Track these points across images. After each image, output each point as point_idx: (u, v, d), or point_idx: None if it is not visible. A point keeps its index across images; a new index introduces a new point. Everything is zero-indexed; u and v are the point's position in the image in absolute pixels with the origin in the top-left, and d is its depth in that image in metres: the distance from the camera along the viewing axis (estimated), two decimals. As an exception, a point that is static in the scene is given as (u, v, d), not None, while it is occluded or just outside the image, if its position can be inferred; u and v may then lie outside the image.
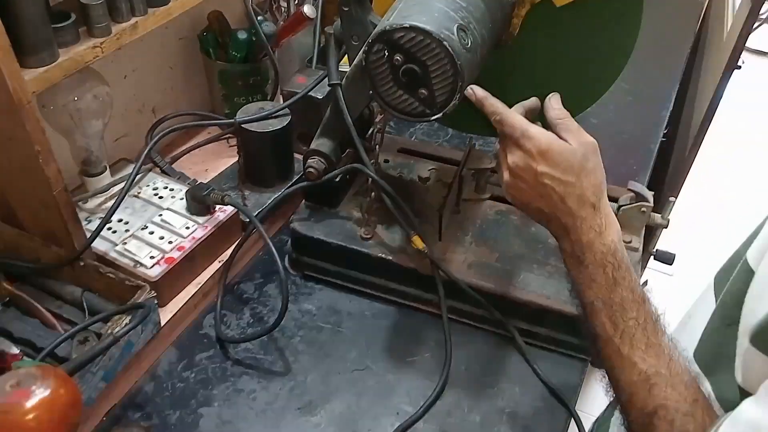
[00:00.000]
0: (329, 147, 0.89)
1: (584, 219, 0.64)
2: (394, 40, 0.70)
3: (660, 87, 1.46)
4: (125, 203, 0.94)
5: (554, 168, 0.64)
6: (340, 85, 0.83)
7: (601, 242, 0.63)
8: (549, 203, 0.65)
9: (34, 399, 0.57)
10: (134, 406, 0.81)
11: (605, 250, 0.63)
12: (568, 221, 0.64)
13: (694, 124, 1.67)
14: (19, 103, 0.71)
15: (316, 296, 0.96)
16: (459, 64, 0.69)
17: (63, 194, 0.80)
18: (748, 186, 2.84)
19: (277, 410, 0.81)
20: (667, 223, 0.95)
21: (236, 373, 0.85)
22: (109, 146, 1.04)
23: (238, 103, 1.15)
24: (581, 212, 0.64)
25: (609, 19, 0.83)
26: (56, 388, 0.59)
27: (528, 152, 0.65)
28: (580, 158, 0.64)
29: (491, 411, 0.82)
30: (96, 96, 0.90)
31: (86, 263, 0.85)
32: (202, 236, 0.93)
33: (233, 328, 0.91)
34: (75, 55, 0.76)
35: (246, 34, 1.12)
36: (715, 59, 1.67)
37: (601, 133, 1.39)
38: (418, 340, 0.90)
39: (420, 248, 0.86)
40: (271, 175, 1.07)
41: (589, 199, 0.64)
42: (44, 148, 0.75)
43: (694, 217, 2.44)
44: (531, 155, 0.65)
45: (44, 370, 0.60)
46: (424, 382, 0.84)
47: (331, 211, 0.98)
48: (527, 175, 0.65)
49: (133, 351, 0.81)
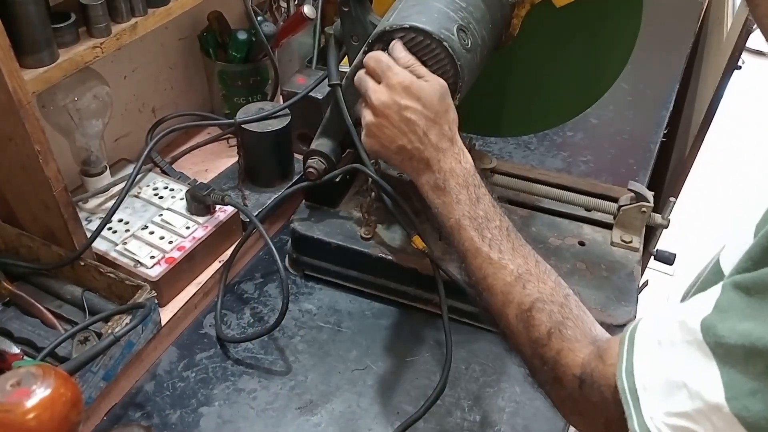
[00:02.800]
0: (329, 147, 0.89)
1: (444, 150, 0.68)
2: (394, 40, 0.70)
3: (660, 87, 1.46)
4: (125, 203, 0.94)
5: (417, 102, 0.67)
6: (340, 85, 0.83)
7: (462, 167, 0.67)
8: (412, 138, 0.68)
9: (35, 398, 0.57)
10: (135, 406, 0.81)
11: (466, 173, 0.67)
12: (431, 154, 0.68)
13: (694, 124, 1.67)
14: (19, 103, 0.71)
15: (317, 296, 0.96)
16: (459, 64, 0.69)
17: (63, 194, 0.80)
18: (748, 186, 2.84)
19: (277, 410, 0.81)
20: (667, 223, 0.95)
21: (236, 372, 0.85)
22: (109, 146, 1.04)
23: (238, 103, 1.15)
24: (442, 144, 0.68)
25: (608, 20, 0.83)
26: (57, 387, 0.59)
27: (393, 87, 0.67)
28: (438, 95, 0.67)
29: (491, 411, 0.82)
30: (96, 96, 0.90)
31: (86, 263, 0.85)
32: (203, 236, 0.93)
33: (233, 328, 0.91)
34: (75, 56, 0.76)
35: (246, 34, 1.12)
36: (715, 59, 1.67)
37: (601, 133, 1.41)
38: (418, 339, 0.90)
39: (420, 248, 0.86)
40: (271, 175, 1.07)
41: (447, 133, 0.68)
42: (44, 148, 0.75)
43: (694, 217, 2.44)
44: (396, 90, 0.67)
45: (45, 369, 0.60)
46: (424, 382, 0.84)
47: (331, 211, 0.98)
48: (392, 111, 0.67)
49: (133, 350, 0.81)
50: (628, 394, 0.47)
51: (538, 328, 0.58)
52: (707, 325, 0.43)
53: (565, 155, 1.25)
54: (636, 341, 0.49)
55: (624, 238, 0.95)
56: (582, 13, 0.81)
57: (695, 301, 0.47)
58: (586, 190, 1.01)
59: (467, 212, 0.66)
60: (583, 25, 0.84)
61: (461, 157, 0.68)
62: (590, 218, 0.99)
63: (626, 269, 0.92)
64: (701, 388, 0.42)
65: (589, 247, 0.95)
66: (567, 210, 0.99)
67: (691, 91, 1.84)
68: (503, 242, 0.64)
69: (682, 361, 0.44)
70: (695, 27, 1.76)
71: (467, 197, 0.66)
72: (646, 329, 0.49)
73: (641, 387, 0.46)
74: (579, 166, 1.22)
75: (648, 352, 0.48)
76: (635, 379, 0.47)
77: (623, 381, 0.48)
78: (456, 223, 0.66)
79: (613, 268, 0.91)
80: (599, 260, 0.93)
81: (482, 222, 0.65)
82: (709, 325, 0.43)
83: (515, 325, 0.60)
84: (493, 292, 0.63)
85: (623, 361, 0.49)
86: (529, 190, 1.00)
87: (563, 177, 1.08)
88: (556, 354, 0.56)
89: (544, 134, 1.29)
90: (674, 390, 0.44)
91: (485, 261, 0.63)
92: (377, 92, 0.68)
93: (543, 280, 0.61)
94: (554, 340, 0.57)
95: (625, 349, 0.49)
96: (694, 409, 0.43)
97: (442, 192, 0.68)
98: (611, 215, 0.96)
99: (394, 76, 0.67)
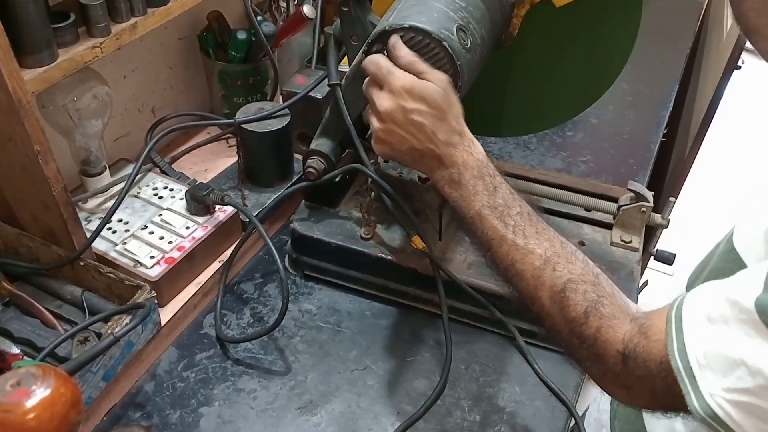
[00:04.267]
0: (329, 147, 0.89)
1: (455, 145, 0.68)
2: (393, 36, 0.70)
3: (660, 87, 1.46)
4: (125, 203, 0.94)
5: (421, 103, 0.67)
6: (339, 85, 0.83)
7: (474, 158, 0.68)
8: (421, 138, 0.68)
9: (35, 398, 0.57)
10: (134, 406, 0.81)
11: (479, 164, 0.68)
12: (443, 150, 0.68)
13: (694, 124, 1.67)
14: (19, 103, 0.71)
15: (316, 296, 0.96)
16: (459, 64, 0.69)
17: (63, 194, 0.80)
18: (748, 186, 2.84)
19: (277, 410, 0.81)
20: (667, 223, 0.95)
21: (236, 372, 0.85)
22: (109, 146, 1.04)
23: (237, 103, 1.15)
24: (452, 139, 0.68)
25: (608, 20, 0.83)
26: (57, 387, 0.59)
27: (396, 91, 0.67)
28: (442, 93, 0.67)
29: (491, 411, 0.82)
30: (96, 96, 0.90)
31: (86, 263, 0.85)
32: (202, 236, 0.93)
33: (233, 328, 0.91)
34: (74, 55, 0.76)
35: (246, 34, 1.11)
36: (715, 59, 1.67)
37: (601, 133, 1.41)
38: (418, 339, 0.90)
39: (420, 248, 0.86)
40: (271, 175, 1.07)
41: (455, 127, 0.68)
42: (44, 148, 0.75)
43: (694, 217, 2.44)
44: (399, 94, 0.67)
45: (44, 369, 0.60)
46: (424, 382, 0.84)
47: (331, 210, 0.98)
48: (398, 115, 0.68)
49: (133, 351, 0.81)
50: (683, 373, 0.48)
51: (573, 308, 0.59)
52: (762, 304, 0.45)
53: (565, 155, 1.25)
54: (684, 319, 0.50)
55: (624, 238, 0.95)
56: (582, 13, 0.81)
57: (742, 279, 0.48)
58: (585, 190, 1.01)
59: (486, 202, 0.66)
60: (583, 24, 0.84)
61: (472, 149, 0.68)
62: (590, 218, 0.99)
63: (626, 269, 0.92)
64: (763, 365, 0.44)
65: (589, 247, 0.95)
66: (567, 210, 0.99)
67: (691, 91, 1.84)
68: (527, 227, 0.64)
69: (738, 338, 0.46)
70: (695, 27, 1.75)
71: (484, 187, 0.66)
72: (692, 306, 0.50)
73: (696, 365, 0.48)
74: (579, 166, 1.22)
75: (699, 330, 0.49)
76: (688, 357, 0.48)
77: (677, 360, 0.49)
78: (476, 214, 0.66)
79: (613, 268, 0.91)
80: (599, 260, 0.91)
81: (503, 210, 0.65)
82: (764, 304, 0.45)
83: (549, 306, 0.61)
84: (523, 277, 0.63)
85: (673, 341, 0.50)
86: (529, 190, 1.00)
87: (563, 177, 1.08)
88: (596, 331, 0.57)
89: (544, 134, 1.28)
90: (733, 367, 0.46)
91: (511, 248, 0.64)
92: (381, 98, 0.69)
93: (571, 260, 0.62)
94: (592, 318, 0.58)
95: (673, 328, 0.50)
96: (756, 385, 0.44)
97: (458, 185, 0.68)
98: (611, 215, 0.96)
99: (396, 80, 0.67)
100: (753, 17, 0.55)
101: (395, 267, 0.91)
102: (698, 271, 0.68)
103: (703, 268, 0.67)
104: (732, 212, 2.60)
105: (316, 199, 0.98)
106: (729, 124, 2.69)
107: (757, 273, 0.47)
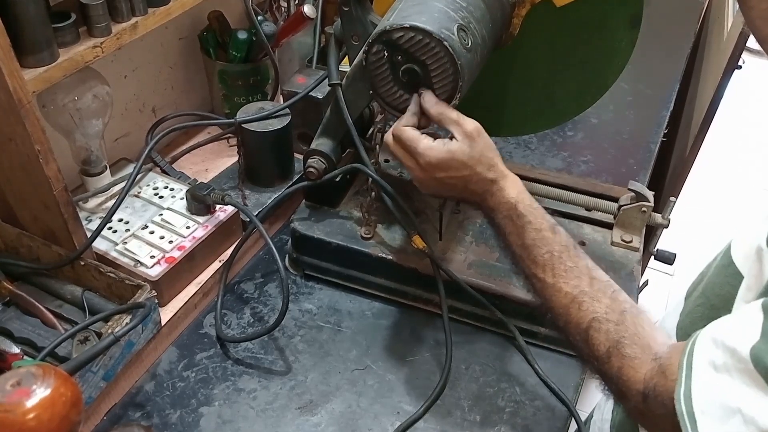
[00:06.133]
0: (329, 147, 0.89)
1: (485, 191, 0.72)
2: (394, 40, 0.70)
3: (660, 87, 1.46)
4: (125, 203, 0.94)
5: (449, 171, 0.71)
6: (340, 85, 0.83)
7: (504, 202, 0.71)
8: (455, 192, 0.74)
9: (35, 398, 0.57)
10: (135, 406, 0.81)
11: (508, 207, 0.71)
12: (476, 198, 0.74)
13: (694, 124, 1.67)
14: (19, 102, 0.71)
15: (317, 296, 0.96)
16: (459, 63, 0.69)
17: (63, 194, 0.80)
18: (749, 186, 2.84)
19: (277, 409, 0.81)
20: (667, 223, 0.95)
21: (236, 372, 0.85)
22: (109, 146, 1.04)
23: (238, 103, 1.15)
24: (484, 187, 0.72)
25: (608, 20, 0.83)
26: (57, 387, 0.59)
27: (424, 168, 0.72)
28: (468, 151, 0.70)
29: (491, 411, 0.82)
30: (96, 96, 0.90)
31: (86, 263, 0.85)
32: (203, 236, 0.93)
33: (234, 328, 0.91)
34: (75, 55, 0.76)
35: (246, 34, 1.12)
36: (715, 59, 1.66)
37: (602, 133, 1.41)
38: (419, 339, 0.90)
39: (420, 248, 0.86)
40: (271, 174, 1.07)
41: (486, 176, 0.71)
42: (44, 148, 0.75)
43: (694, 217, 2.44)
44: (428, 170, 0.72)
45: (45, 369, 0.60)
46: (424, 381, 0.84)
47: (331, 210, 0.98)
48: (429, 180, 0.73)
49: (133, 350, 0.81)
50: (686, 418, 0.49)
51: (597, 347, 0.61)
52: (756, 355, 0.46)
53: (565, 155, 1.25)
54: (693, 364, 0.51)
55: (624, 238, 0.95)
56: (582, 13, 0.81)
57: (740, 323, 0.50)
58: (586, 189, 1.01)
59: (517, 242, 0.70)
60: (584, 24, 0.84)
61: (504, 192, 0.71)
62: (590, 218, 0.99)
63: (626, 269, 0.92)
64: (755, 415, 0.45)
65: (590, 246, 0.95)
66: (567, 210, 0.99)
67: (691, 91, 1.84)
68: (555, 264, 0.67)
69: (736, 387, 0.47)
70: (695, 27, 1.76)
71: (513, 229, 0.70)
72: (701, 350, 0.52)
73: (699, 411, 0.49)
74: (579, 166, 1.22)
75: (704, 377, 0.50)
76: (693, 403, 0.50)
77: (681, 405, 0.50)
78: (512, 253, 0.71)
79: (614, 268, 0.91)
80: (599, 260, 0.91)
81: (532, 249, 0.69)
82: (758, 355, 0.46)
83: (577, 341, 0.64)
84: (555, 313, 0.67)
85: (681, 385, 0.51)
86: (530, 189, 0.99)
87: (563, 177, 1.08)
88: (618, 371, 0.59)
89: (544, 134, 1.29)
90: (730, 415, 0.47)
91: (542, 285, 0.68)
92: (413, 170, 0.73)
93: (597, 299, 0.63)
94: (614, 358, 0.59)
95: (683, 373, 0.51)
96: None
97: (494, 224, 0.73)
98: (611, 215, 0.96)
99: (422, 158, 0.71)
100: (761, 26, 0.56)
101: (396, 267, 0.91)
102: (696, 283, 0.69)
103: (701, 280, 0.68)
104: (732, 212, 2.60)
105: (317, 198, 0.98)
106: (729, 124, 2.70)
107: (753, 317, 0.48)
